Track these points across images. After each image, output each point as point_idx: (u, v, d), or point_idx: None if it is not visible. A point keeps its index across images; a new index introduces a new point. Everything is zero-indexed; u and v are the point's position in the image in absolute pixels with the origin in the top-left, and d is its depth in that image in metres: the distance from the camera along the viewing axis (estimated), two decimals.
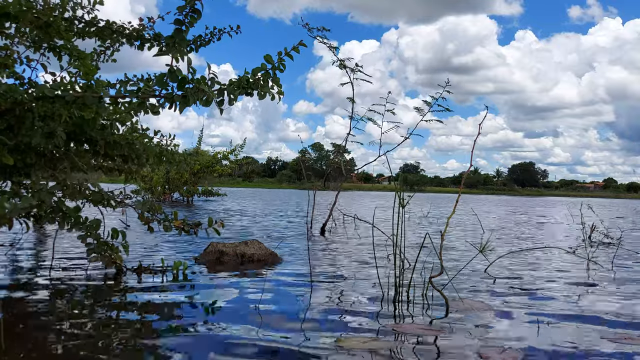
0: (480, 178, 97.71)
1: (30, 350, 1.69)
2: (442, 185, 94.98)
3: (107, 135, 2.63)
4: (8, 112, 2.19)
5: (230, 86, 2.24)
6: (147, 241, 4.37)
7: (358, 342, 1.83)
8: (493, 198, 41.16)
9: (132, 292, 2.55)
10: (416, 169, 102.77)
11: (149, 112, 2.25)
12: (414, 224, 7.64)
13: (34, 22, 2.42)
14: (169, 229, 2.91)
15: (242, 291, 2.63)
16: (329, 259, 3.91)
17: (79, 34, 2.70)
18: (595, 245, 5.21)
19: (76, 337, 1.81)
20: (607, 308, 2.46)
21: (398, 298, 2.53)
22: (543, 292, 2.79)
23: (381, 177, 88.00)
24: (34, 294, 2.45)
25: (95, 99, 2.10)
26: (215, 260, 3.53)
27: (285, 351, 1.74)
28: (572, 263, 3.95)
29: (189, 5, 2.32)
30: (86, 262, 3.15)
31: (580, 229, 6.03)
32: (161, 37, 2.69)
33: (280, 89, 2.32)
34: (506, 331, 2.03)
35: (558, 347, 1.84)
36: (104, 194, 2.86)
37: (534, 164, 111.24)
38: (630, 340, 1.92)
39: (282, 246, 4.44)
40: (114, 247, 2.84)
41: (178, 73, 2.15)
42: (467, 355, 1.73)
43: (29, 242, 4.14)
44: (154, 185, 12.37)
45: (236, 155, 12.97)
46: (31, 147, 2.36)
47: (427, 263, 3.13)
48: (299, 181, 73.26)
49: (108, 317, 2.11)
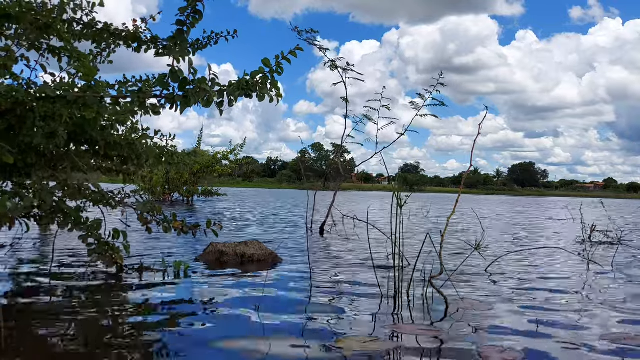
0: (480, 178, 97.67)
1: (30, 350, 1.69)
2: (442, 186, 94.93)
3: (107, 136, 2.64)
4: (9, 112, 2.20)
5: (230, 87, 2.25)
6: (147, 241, 4.37)
7: (358, 343, 1.83)
8: (493, 198, 41.17)
9: (133, 292, 2.56)
10: (416, 169, 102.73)
11: (150, 113, 2.26)
12: (414, 224, 7.65)
13: (34, 23, 2.42)
14: (168, 230, 2.91)
15: (242, 291, 2.63)
16: (329, 258, 3.92)
17: (77, 35, 2.71)
18: (596, 245, 5.21)
19: (76, 337, 1.82)
20: (607, 308, 2.46)
21: (398, 298, 2.54)
22: (543, 292, 2.79)
23: (381, 177, 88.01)
24: (34, 294, 2.45)
25: (97, 99, 2.11)
26: (216, 261, 3.54)
27: (285, 351, 1.74)
28: (572, 263, 3.95)
29: (191, 7, 2.32)
30: (87, 262, 3.16)
31: (580, 229, 6.03)
32: (158, 39, 2.70)
33: (279, 92, 2.33)
34: (506, 331, 2.03)
35: (558, 347, 1.84)
36: (104, 194, 2.87)
37: (534, 164, 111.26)
38: (630, 341, 1.93)
39: (282, 246, 4.44)
40: (115, 247, 2.84)
41: (179, 74, 2.15)
42: (467, 355, 1.73)
43: (29, 242, 4.15)
44: (153, 185, 12.36)
45: (236, 155, 12.97)
46: (32, 147, 2.36)
47: (427, 263, 3.14)
48: (299, 181, 73.24)
49: (108, 316, 2.12)
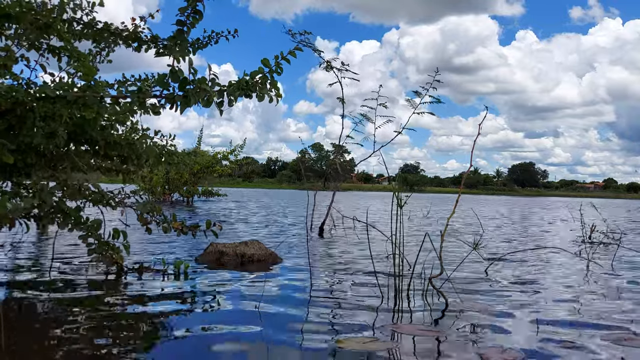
0: (480, 178, 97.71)
1: (30, 350, 1.69)
2: (442, 186, 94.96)
3: (107, 136, 2.64)
4: (9, 112, 2.20)
5: (230, 87, 2.25)
6: (147, 241, 4.37)
7: (358, 343, 1.83)
8: (493, 198, 41.17)
9: (133, 292, 2.55)
10: (416, 169, 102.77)
11: (150, 113, 2.26)
12: (414, 224, 7.65)
13: (34, 23, 2.42)
14: (167, 231, 2.91)
15: (242, 291, 2.63)
16: (329, 259, 3.92)
17: (77, 35, 2.71)
18: (596, 245, 5.21)
19: (76, 337, 1.82)
20: (607, 308, 2.46)
21: (398, 298, 2.54)
22: (543, 292, 2.79)
23: (381, 177, 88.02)
24: (34, 294, 2.45)
25: (97, 99, 2.11)
26: (216, 261, 3.53)
27: (285, 352, 1.74)
28: (572, 263, 3.95)
29: (191, 7, 2.32)
30: (87, 262, 3.16)
31: (580, 229, 6.03)
32: (158, 38, 2.69)
33: (278, 92, 2.33)
34: (506, 331, 2.03)
35: (558, 347, 1.84)
36: (104, 194, 2.87)
37: (533, 164, 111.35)
38: (630, 341, 1.92)
39: (282, 246, 4.44)
40: (115, 247, 2.84)
41: (179, 73, 2.15)
42: (467, 355, 1.73)
43: (29, 242, 4.15)
44: (153, 185, 12.36)
45: (236, 156, 12.97)
46: (32, 147, 2.36)
47: (426, 263, 3.13)
48: (298, 181, 73.27)
49: (108, 316, 2.11)
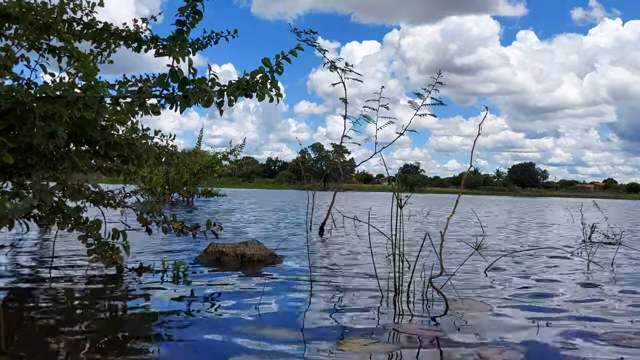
0: (480, 178, 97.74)
1: (30, 350, 1.69)
2: (442, 186, 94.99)
3: (107, 136, 2.64)
4: (9, 112, 2.20)
5: (230, 87, 2.25)
6: (147, 241, 4.37)
7: (359, 344, 1.83)
8: (493, 198, 41.15)
9: (133, 292, 2.55)
10: (416, 170, 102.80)
11: (150, 113, 2.25)
12: (414, 225, 7.65)
13: (34, 23, 2.42)
14: (167, 231, 2.91)
15: (242, 292, 2.63)
16: (329, 259, 3.91)
17: (77, 35, 2.71)
18: (596, 245, 5.21)
19: (76, 337, 1.81)
20: (607, 308, 2.46)
21: (398, 298, 2.54)
22: (543, 292, 2.79)
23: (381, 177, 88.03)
24: (34, 294, 2.45)
25: (97, 99, 2.11)
26: (216, 261, 3.53)
27: (285, 353, 1.74)
28: (572, 263, 3.95)
29: (190, 7, 2.32)
30: (87, 262, 3.15)
31: (580, 229, 6.03)
32: (158, 39, 2.69)
33: (279, 91, 2.33)
34: (506, 331, 2.03)
35: (558, 347, 1.84)
36: (104, 194, 2.87)
37: (534, 165, 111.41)
38: (630, 341, 1.92)
39: (282, 247, 4.44)
40: (115, 248, 2.84)
41: (179, 74, 2.15)
42: (467, 355, 1.73)
43: (29, 242, 4.15)
44: (153, 185, 12.36)
45: (236, 156, 12.96)
46: (32, 147, 2.36)
47: (427, 263, 3.13)
48: (298, 181, 73.29)
49: (108, 317, 2.11)
